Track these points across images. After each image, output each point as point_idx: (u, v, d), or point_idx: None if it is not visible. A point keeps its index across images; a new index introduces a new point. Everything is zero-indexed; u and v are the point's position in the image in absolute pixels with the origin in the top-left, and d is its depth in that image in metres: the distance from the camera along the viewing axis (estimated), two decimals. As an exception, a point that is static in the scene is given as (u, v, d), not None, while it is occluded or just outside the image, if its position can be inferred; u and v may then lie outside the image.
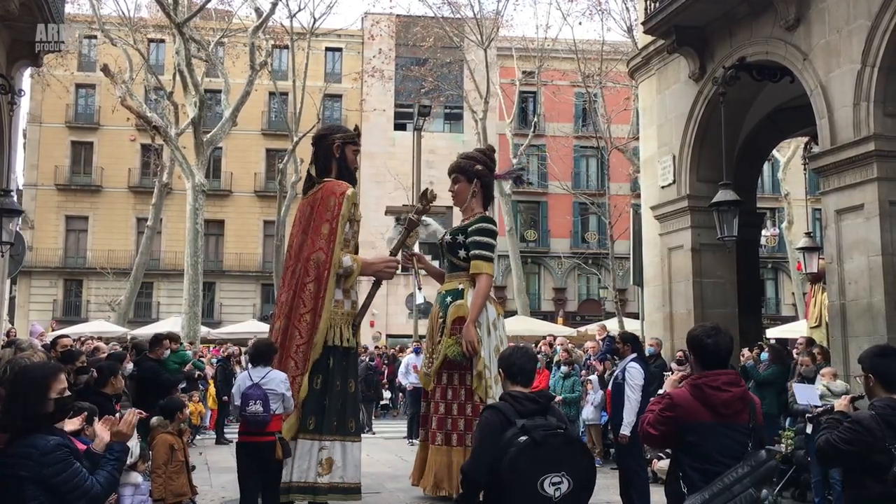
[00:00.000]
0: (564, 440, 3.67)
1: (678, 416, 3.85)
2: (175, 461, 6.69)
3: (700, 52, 11.78)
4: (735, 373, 4.08)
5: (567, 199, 38.60)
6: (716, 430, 3.80)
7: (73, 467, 3.57)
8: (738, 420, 3.85)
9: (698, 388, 3.86)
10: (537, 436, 3.59)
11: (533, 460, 3.57)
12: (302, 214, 7.87)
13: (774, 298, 39.48)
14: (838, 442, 3.96)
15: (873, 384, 4.12)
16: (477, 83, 30.37)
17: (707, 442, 3.80)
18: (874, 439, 3.85)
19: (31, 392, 3.68)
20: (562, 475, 3.59)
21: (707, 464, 3.78)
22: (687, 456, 3.87)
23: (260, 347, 7.23)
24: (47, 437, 3.61)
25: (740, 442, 3.82)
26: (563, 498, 3.59)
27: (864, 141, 8.95)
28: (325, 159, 7.96)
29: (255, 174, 38.70)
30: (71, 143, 38.17)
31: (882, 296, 8.75)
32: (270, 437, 6.74)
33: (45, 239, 36.77)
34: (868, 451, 3.87)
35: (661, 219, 12.75)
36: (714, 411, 3.81)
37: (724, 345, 3.96)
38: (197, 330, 22.35)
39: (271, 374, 6.88)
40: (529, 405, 3.75)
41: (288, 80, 32.33)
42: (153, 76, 27.49)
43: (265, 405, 6.68)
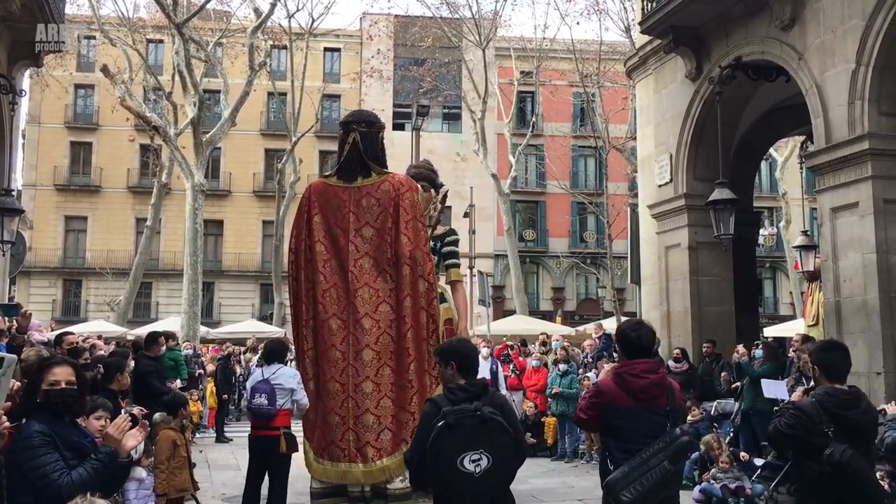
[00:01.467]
0: (479, 420, 3.94)
1: (603, 402, 4.32)
2: (178, 457, 6.77)
3: (696, 51, 11.88)
4: (653, 361, 4.49)
5: (565, 198, 38.67)
6: (636, 414, 4.23)
7: (43, 456, 3.64)
8: (656, 404, 4.27)
9: (620, 377, 4.33)
10: (451, 419, 3.93)
11: (451, 441, 3.91)
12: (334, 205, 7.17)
13: (773, 297, 39.58)
14: (784, 427, 4.36)
15: (819, 375, 4.55)
16: (475, 83, 30.45)
17: (629, 424, 4.24)
18: (813, 424, 4.22)
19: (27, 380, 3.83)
20: (480, 452, 3.90)
21: (629, 444, 4.20)
22: (612, 437, 4.33)
23: (273, 347, 7.45)
24: (33, 422, 3.75)
25: (659, 423, 4.24)
26: (484, 473, 3.90)
27: (859, 139, 9.05)
28: (375, 146, 7.41)
29: (254, 174, 38.75)
30: (70, 143, 38.20)
31: (876, 293, 8.85)
32: (276, 431, 6.92)
33: (45, 239, 36.80)
34: (808, 434, 4.23)
35: (658, 217, 12.84)
36: (634, 397, 4.24)
37: (647, 338, 4.44)
38: (196, 329, 22.39)
39: (281, 371, 7.10)
40: (461, 394, 4.10)
41: (287, 81, 32.39)
42: (152, 76, 27.53)
43: (270, 399, 6.87)
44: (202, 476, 9.44)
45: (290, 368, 7.23)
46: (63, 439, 3.79)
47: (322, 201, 7.23)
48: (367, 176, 7.25)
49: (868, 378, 8.90)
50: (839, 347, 4.78)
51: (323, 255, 7.08)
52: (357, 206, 7.15)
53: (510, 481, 4.14)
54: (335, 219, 7.17)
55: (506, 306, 35.77)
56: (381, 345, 6.84)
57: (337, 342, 6.83)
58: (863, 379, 8.96)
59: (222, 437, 14.39)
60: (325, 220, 7.18)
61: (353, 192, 7.22)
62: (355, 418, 6.65)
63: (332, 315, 6.92)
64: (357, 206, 7.15)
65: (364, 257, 7.06)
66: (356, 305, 6.93)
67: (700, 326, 11.97)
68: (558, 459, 12.20)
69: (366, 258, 7.06)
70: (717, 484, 8.85)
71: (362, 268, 7.03)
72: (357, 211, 7.15)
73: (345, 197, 7.20)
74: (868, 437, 4.46)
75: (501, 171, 32.45)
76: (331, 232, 7.15)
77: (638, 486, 4.05)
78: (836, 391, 4.35)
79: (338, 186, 7.27)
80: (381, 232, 7.09)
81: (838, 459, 4.09)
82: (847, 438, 4.18)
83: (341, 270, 7.05)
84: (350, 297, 6.95)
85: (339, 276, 7.04)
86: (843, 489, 4.15)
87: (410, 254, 7.02)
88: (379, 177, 7.25)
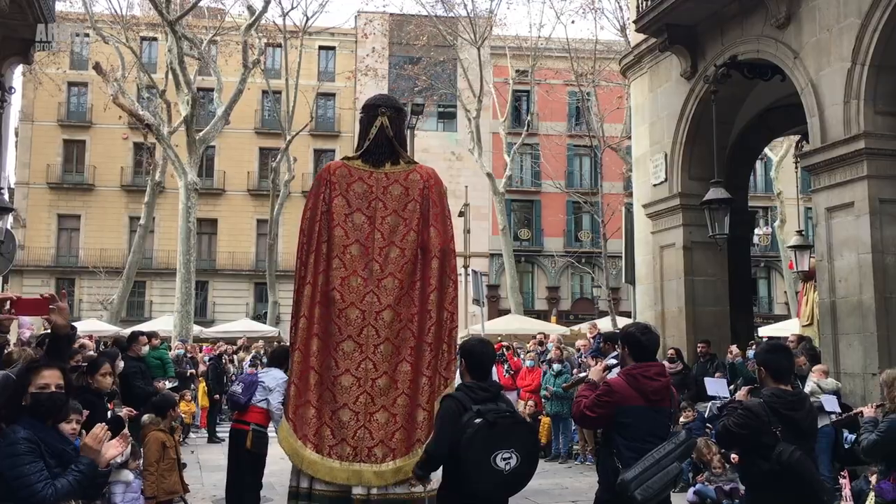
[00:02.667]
0: (513, 421, 4.24)
1: (615, 400, 4.45)
2: (167, 459, 6.69)
3: (692, 50, 11.82)
4: (662, 365, 4.72)
5: (560, 197, 38.62)
6: (646, 414, 4.42)
7: (26, 464, 3.56)
8: (663, 405, 4.51)
9: (633, 378, 4.49)
10: (490, 417, 4.14)
11: (487, 439, 4.12)
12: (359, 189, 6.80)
13: (767, 297, 39.59)
14: (732, 426, 4.50)
15: (765, 376, 4.63)
16: (470, 82, 30.38)
17: (639, 423, 4.42)
18: (761, 423, 4.35)
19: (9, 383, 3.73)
20: (511, 451, 4.14)
21: (638, 442, 4.37)
22: (621, 436, 4.46)
23: (276, 353, 7.72)
24: (19, 428, 3.66)
25: (664, 424, 4.50)
26: (513, 471, 4.14)
27: (855, 139, 8.99)
28: (401, 133, 7.13)
29: (248, 173, 38.63)
30: (63, 141, 38.05)
31: (872, 293, 8.80)
32: (245, 426, 6.93)
33: (38, 238, 36.65)
34: (757, 433, 4.37)
35: (652, 217, 12.78)
36: (646, 397, 4.43)
37: (654, 342, 4.68)
38: (189, 329, 22.30)
39: (272, 372, 7.17)
40: (482, 393, 4.35)
41: (281, 79, 32.29)
42: (145, 74, 27.42)
43: (245, 389, 6.90)
44: (193, 477, 9.36)
45: (279, 371, 7.25)
46: (48, 445, 3.71)
47: (344, 184, 6.83)
48: (395, 163, 6.95)
49: (863, 379, 8.86)
50: (783, 349, 4.91)
51: (343, 241, 6.73)
52: (384, 193, 6.81)
53: (531, 478, 4.35)
54: (359, 203, 6.81)
55: (500, 306, 35.71)
56: (401, 339, 6.54)
57: (354, 333, 6.47)
58: (858, 380, 8.93)
59: (214, 438, 14.31)
60: (348, 203, 6.80)
61: (381, 177, 6.88)
62: (369, 415, 6.28)
63: (351, 304, 6.57)
64: (384, 193, 6.81)
65: (390, 246, 6.74)
66: (379, 296, 6.60)
67: (695, 326, 11.91)
68: (552, 460, 12.14)
69: (392, 247, 6.74)
70: (712, 486, 8.81)
71: (388, 257, 6.72)
72: (384, 198, 6.81)
73: (371, 182, 6.85)
74: (811, 436, 4.66)
75: (496, 170, 32.38)
76: (353, 217, 6.79)
77: (652, 486, 4.21)
78: (783, 392, 4.46)
79: (363, 170, 6.90)
80: (409, 222, 6.78)
81: (787, 459, 4.22)
82: (793, 438, 4.33)
83: (363, 258, 6.71)
84: (373, 286, 6.62)
85: (360, 263, 6.68)
86: (790, 486, 4.30)
87: (441, 247, 6.77)
88: (408, 165, 6.99)
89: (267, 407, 7.11)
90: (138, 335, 9.91)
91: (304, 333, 6.48)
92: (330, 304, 6.54)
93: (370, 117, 7.02)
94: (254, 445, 6.96)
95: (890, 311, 8.80)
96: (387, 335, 6.46)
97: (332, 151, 39.14)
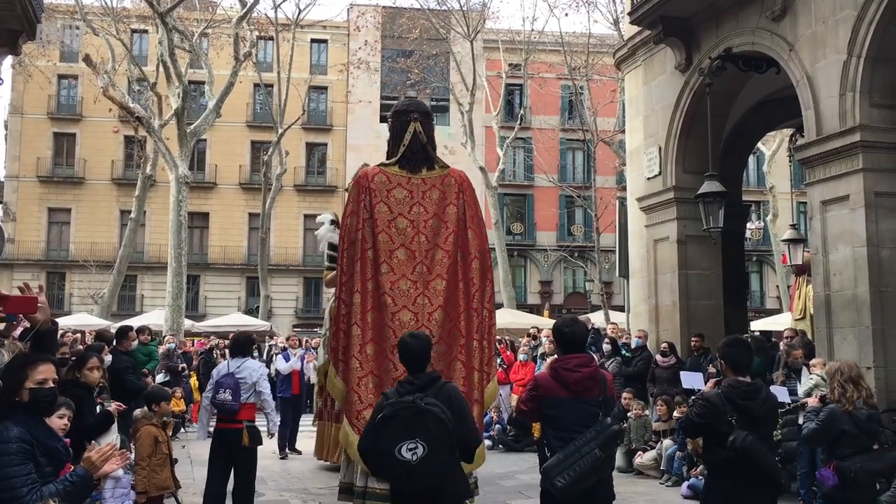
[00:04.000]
0: (415, 411, 4.21)
1: (541, 394, 4.66)
2: (159, 454, 6.61)
3: (686, 42, 11.75)
4: (586, 356, 4.84)
5: (553, 191, 38.59)
6: (571, 404, 4.57)
7: (17, 466, 3.44)
8: (589, 395, 4.62)
9: (555, 371, 4.68)
10: (388, 411, 4.24)
11: (389, 431, 4.21)
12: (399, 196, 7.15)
13: (759, 291, 39.66)
14: (693, 416, 4.83)
15: (725, 368, 4.91)
16: (463, 75, 30.27)
17: (564, 414, 4.58)
18: (718, 413, 4.61)
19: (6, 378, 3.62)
20: (416, 441, 4.15)
21: (564, 432, 4.54)
22: (549, 427, 4.69)
23: (239, 340, 7.39)
24: (11, 426, 3.54)
25: (591, 413, 4.57)
26: (421, 461, 4.15)
27: (850, 132, 8.94)
28: (433, 138, 7.54)
29: (240, 166, 38.46)
30: (53, 134, 37.81)
31: (867, 287, 8.76)
32: (238, 424, 6.84)
33: (28, 231, 36.43)
34: (714, 422, 4.64)
35: (646, 210, 12.73)
36: (567, 388, 4.59)
37: (580, 333, 4.84)
38: (181, 323, 22.19)
39: (246, 364, 7.04)
40: (408, 387, 4.44)
41: (273, 72, 32.12)
42: (136, 67, 27.22)
43: (234, 394, 6.81)
44: (184, 472, 9.28)
45: (255, 362, 7.21)
46: (40, 444, 3.60)
47: (384, 190, 7.18)
48: (430, 168, 7.35)
49: (858, 372, 8.83)
50: (742, 343, 5.14)
51: (389, 245, 7.04)
52: (424, 198, 7.22)
53: (454, 467, 4.41)
54: (401, 209, 7.16)
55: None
56: (452, 338, 6.90)
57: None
58: (853, 373, 8.89)
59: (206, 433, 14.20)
60: (390, 209, 7.14)
61: (419, 182, 7.29)
62: None
63: (403, 307, 6.89)
64: (424, 198, 7.22)
65: (434, 248, 7.13)
66: (429, 298, 6.97)
67: (688, 320, 11.87)
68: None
69: (437, 249, 7.14)
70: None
71: (433, 259, 7.09)
72: (424, 202, 7.21)
73: (410, 187, 7.23)
74: (767, 424, 4.88)
75: (489, 163, 32.31)
76: (396, 222, 7.13)
77: (571, 472, 4.37)
78: (739, 383, 4.72)
79: (401, 176, 7.27)
80: (449, 225, 7.20)
81: (740, 445, 4.47)
82: (748, 426, 4.56)
83: (411, 261, 7.05)
84: (422, 288, 6.98)
85: (408, 267, 7.02)
86: (746, 471, 4.54)
87: (480, 248, 7.21)
88: (442, 170, 7.39)
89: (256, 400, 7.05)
90: (128, 330, 9.84)
91: (360, 340, 6.74)
92: (382, 308, 6.86)
93: (402, 123, 7.45)
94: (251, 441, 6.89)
95: (885, 305, 8.76)
96: (440, 335, 6.82)
97: (324, 145, 39.02)
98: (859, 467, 5.26)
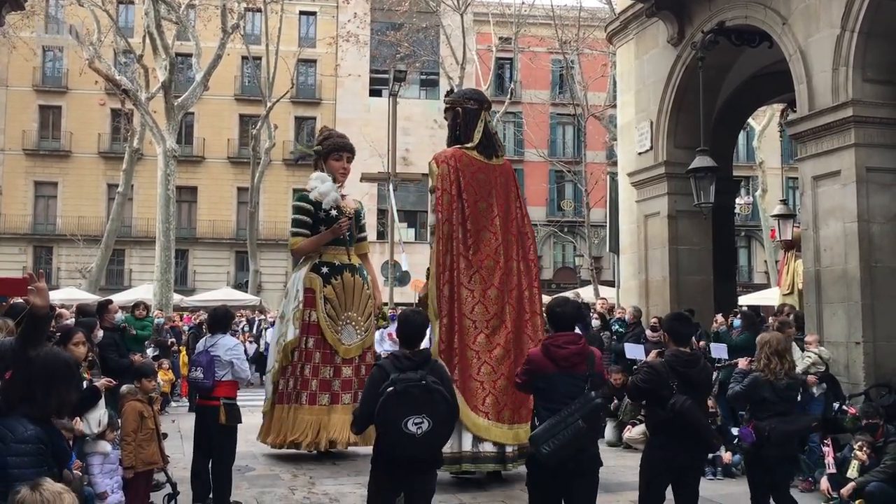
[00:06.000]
0: (423, 390, 4.59)
1: (532, 368, 5.06)
2: (145, 429, 6.55)
3: (679, 16, 11.66)
4: (574, 334, 5.16)
5: (543, 166, 38.50)
6: (559, 379, 4.92)
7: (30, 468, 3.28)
8: (577, 370, 4.94)
9: (546, 348, 5.04)
10: (399, 387, 4.55)
11: (396, 405, 4.54)
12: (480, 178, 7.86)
13: (747, 266, 39.77)
14: (639, 382, 5.42)
15: (668, 341, 5.57)
16: (453, 49, 30.02)
17: (552, 387, 4.95)
18: (661, 379, 5.21)
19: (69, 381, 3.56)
20: (423, 416, 4.54)
21: (552, 403, 4.91)
22: (540, 398, 5.08)
23: (216, 315, 7.22)
24: (27, 423, 3.40)
25: (578, 387, 4.90)
26: (425, 434, 4.55)
27: (843, 106, 8.91)
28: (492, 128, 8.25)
29: (228, 140, 38.14)
30: (39, 107, 37.35)
31: (857, 262, 8.77)
32: (215, 401, 6.76)
33: (14, 205, 36.11)
34: (657, 388, 5.22)
35: (637, 185, 12.70)
36: (556, 364, 4.93)
37: (570, 312, 5.17)
38: (169, 297, 22.11)
39: (220, 341, 6.91)
40: (406, 362, 4.72)
41: (261, 45, 31.76)
42: (122, 39, 26.86)
43: (206, 371, 6.72)
44: (174, 447, 9.25)
45: (230, 339, 7.04)
46: (53, 444, 3.47)
47: (469, 172, 7.81)
48: (497, 156, 8.08)
49: (847, 347, 8.87)
50: (684, 317, 5.82)
51: (476, 226, 7.72)
52: (496, 183, 7.92)
53: (447, 440, 4.94)
54: (481, 193, 7.81)
55: (483, 275, 35.65)
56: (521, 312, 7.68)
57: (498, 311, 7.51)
58: (841, 348, 8.93)
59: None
60: (475, 191, 7.79)
61: (492, 169, 7.97)
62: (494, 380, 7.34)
63: (491, 285, 7.63)
64: (496, 183, 7.92)
65: (507, 231, 7.85)
66: (509, 276, 7.73)
67: (679, 295, 11.88)
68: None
69: (508, 232, 7.86)
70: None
71: (507, 241, 7.80)
72: (497, 187, 7.91)
73: (488, 173, 7.92)
74: (703, 390, 5.53)
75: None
76: (479, 204, 7.77)
77: (555, 441, 4.71)
78: (681, 353, 5.31)
79: (480, 161, 7.93)
80: (513, 209, 7.97)
81: (678, 408, 5.05)
82: (687, 391, 5.16)
83: (493, 242, 7.73)
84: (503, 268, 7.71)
85: (491, 247, 7.72)
86: (682, 430, 5.12)
87: (530, 232, 8.02)
88: (500, 159, 8.12)
89: (232, 377, 6.92)
90: (107, 304, 9.71)
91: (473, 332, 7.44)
92: (474, 285, 7.58)
93: (475, 112, 8.12)
94: (228, 419, 6.81)
95: (874, 280, 8.79)
96: (518, 310, 7.65)
97: (313, 119, 38.71)
98: (774, 427, 5.68)
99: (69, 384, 3.62)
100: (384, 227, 31.33)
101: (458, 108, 8.18)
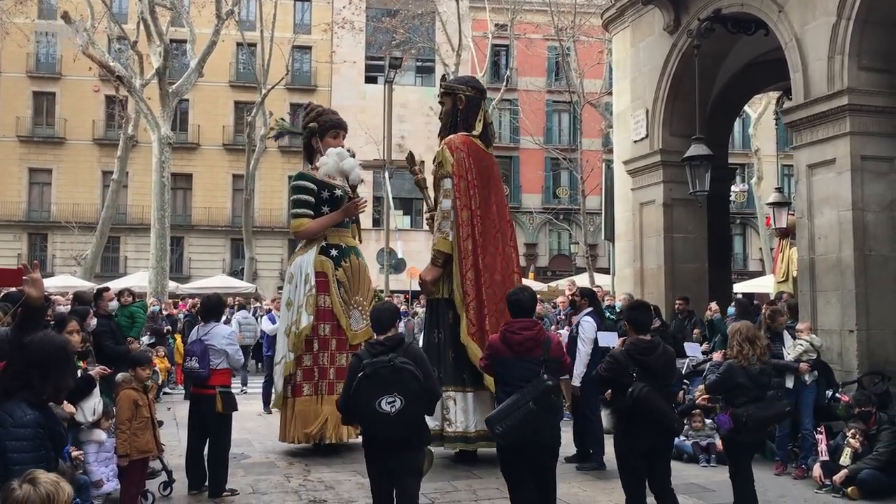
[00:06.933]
0: (392, 369, 4.74)
1: (492, 353, 5.38)
2: (140, 417, 6.54)
3: (675, 3, 11.62)
4: (530, 321, 5.39)
5: (539, 154, 38.44)
6: (514, 363, 5.21)
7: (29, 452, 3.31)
8: (531, 355, 5.18)
9: (503, 334, 5.35)
10: (368, 370, 4.74)
11: (368, 387, 4.72)
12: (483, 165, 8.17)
13: (742, 254, 39.84)
14: (602, 372, 5.63)
15: (628, 329, 5.80)
16: (449, 36, 29.90)
17: (507, 371, 5.25)
18: (621, 367, 5.40)
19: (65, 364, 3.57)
20: (394, 395, 4.69)
21: (508, 386, 5.19)
22: (498, 382, 5.40)
23: (209, 303, 7.22)
24: (25, 407, 3.41)
25: (533, 371, 5.12)
26: (398, 412, 4.70)
27: (838, 95, 8.90)
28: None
29: (223, 127, 38.01)
30: (32, 93, 37.17)
31: (851, 251, 8.79)
32: (211, 390, 6.77)
33: (8, 192, 36.00)
34: (618, 376, 5.42)
35: (633, 173, 12.69)
36: (511, 349, 5.22)
37: (526, 300, 5.45)
38: (165, 285, 22.08)
39: (214, 330, 6.92)
40: (379, 348, 4.92)
41: (256, 31, 31.60)
42: (116, 25, 26.69)
43: (201, 361, 6.72)
44: (169, 434, 9.27)
45: (225, 327, 7.07)
46: (50, 429, 3.49)
47: (476, 158, 8.11)
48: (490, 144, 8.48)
49: (840, 336, 8.90)
50: (643, 306, 6.09)
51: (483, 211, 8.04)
52: (493, 170, 8.31)
53: (423, 417, 5.01)
54: (484, 179, 8.12)
55: (478, 262, 35.65)
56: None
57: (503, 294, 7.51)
58: (835, 336, 8.96)
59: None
60: (480, 180, 8.08)
61: (490, 157, 8.32)
62: None
63: (496, 270, 7.98)
64: (493, 170, 8.31)
65: (501, 218, 8.23)
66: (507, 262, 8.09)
67: (674, 283, 11.91)
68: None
69: (503, 220, 8.26)
70: (689, 441, 8.85)
71: (501, 228, 8.18)
72: (494, 174, 8.31)
73: (488, 161, 8.27)
74: (664, 376, 5.53)
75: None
76: (482, 193, 8.07)
77: (507, 422, 4.98)
78: (640, 341, 5.48)
79: (482, 150, 8.27)
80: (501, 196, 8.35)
81: (637, 395, 5.23)
82: (647, 378, 5.31)
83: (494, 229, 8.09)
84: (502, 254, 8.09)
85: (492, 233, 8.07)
86: (642, 417, 5.30)
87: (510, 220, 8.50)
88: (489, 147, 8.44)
89: (227, 365, 6.93)
90: (103, 291, 9.67)
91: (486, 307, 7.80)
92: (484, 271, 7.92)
93: (476, 101, 8.40)
94: (225, 408, 6.82)
95: (869, 269, 8.80)
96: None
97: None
98: (750, 414, 5.77)
99: (65, 367, 3.64)
100: (380, 214, 31.25)
101: (460, 95, 8.23)
